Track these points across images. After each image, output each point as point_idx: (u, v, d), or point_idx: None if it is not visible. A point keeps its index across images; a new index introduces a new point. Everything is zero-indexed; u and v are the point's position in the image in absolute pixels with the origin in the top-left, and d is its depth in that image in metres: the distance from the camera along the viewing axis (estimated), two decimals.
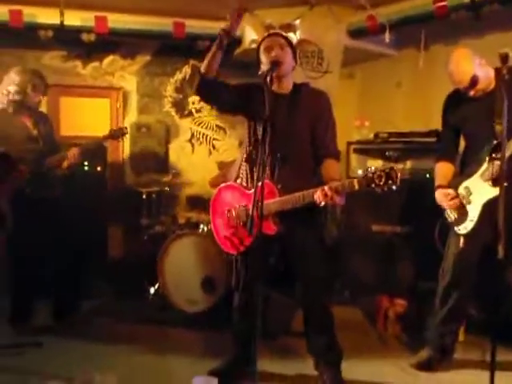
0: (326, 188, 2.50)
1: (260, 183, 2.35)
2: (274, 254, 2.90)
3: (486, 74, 2.95)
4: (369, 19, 4.79)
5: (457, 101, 3.18)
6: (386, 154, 4.23)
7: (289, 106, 2.83)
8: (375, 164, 4.34)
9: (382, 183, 2.34)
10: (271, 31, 3.14)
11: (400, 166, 4.25)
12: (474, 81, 2.94)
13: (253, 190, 2.51)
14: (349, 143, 4.52)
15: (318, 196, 2.53)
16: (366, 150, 4.43)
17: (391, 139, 4.35)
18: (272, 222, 2.75)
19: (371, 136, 4.60)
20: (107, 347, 3.68)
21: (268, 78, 2.64)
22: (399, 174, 2.32)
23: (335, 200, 2.51)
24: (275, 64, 2.72)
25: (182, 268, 4.33)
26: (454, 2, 4.16)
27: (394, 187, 2.35)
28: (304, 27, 4.93)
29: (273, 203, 2.71)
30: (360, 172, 4.35)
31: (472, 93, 2.99)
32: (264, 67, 2.80)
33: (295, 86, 2.92)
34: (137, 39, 5.40)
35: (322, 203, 2.55)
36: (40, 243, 3.78)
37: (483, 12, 4.06)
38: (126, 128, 4.06)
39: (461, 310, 3.29)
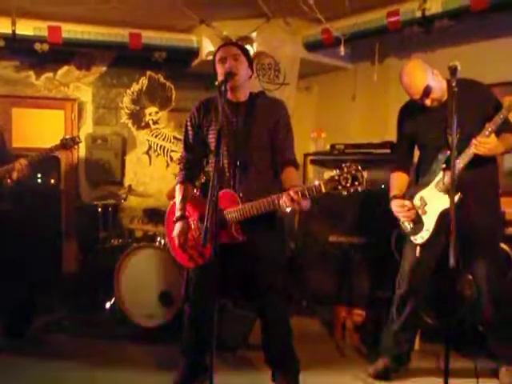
0: (291, 192, 2.46)
1: (214, 192, 2.32)
2: (233, 264, 2.87)
3: (439, 85, 3.01)
4: (324, 32, 4.86)
5: (411, 111, 3.24)
6: (343, 165, 4.26)
7: (246, 114, 2.84)
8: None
9: (348, 185, 2.32)
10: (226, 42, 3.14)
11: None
12: (427, 91, 2.99)
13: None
14: (306, 155, 4.56)
15: (284, 201, 2.49)
16: (323, 161, 4.47)
17: (347, 151, 4.40)
18: (235, 232, 2.72)
19: (328, 147, 4.65)
20: (62, 364, 3.57)
21: (223, 89, 2.64)
22: (365, 176, 2.31)
23: (302, 205, 2.47)
24: (229, 75, 2.72)
25: (139, 282, 4.25)
26: (406, 16, 4.25)
27: (359, 189, 2.34)
28: (260, 39, 4.98)
29: (235, 211, 2.70)
30: (317, 183, 4.37)
31: (427, 102, 3.04)
32: (219, 78, 2.80)
33: (252, 94, 2.92)
34: (92, 50, 5.33)
35: (288, 209, 2.53)
36: None
37: (434, 26, 4.15)
38: (78, 137, 3.96)
39: (416, 318, 3.34)
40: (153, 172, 5.97)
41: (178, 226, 2.85)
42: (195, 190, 3.05)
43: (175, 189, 2.99)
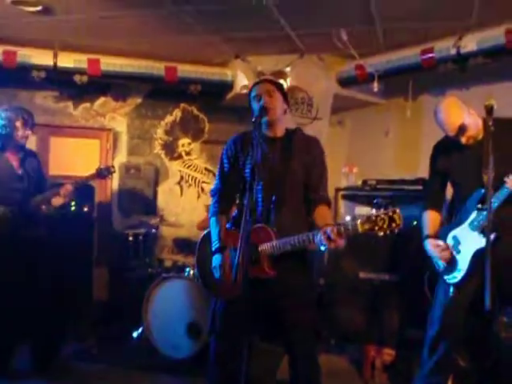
0: (328, 230, 2.45)
1: (246, 227, 2.33)
2: (262, 299, 2.85)
3: (475, 122, 2.99)
4: (358, 68, 4.89)
5: (445, 148, 3.21)
6: (374, 201, 4.24)
7: (282, 149, 2.85)
8: (363, 211, 4.35)
9: (385, 226, 2.31)
10: (260, 78, 3.18)
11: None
12: (462, 129, 2.97)
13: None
14: (337, 189, 4.54)
15: (320, 239, 2.49)
16: (354, 196, 4.45)
17: (379, 186, 4.37)
18: (267, 267, 2.72)
19: (359, 183, 4.63)
20: None
21: (257, 124, 2.68)
22: (402, 218, 2.29)
23: (338, 243, 2.45)
24: (264, 110, 2.75)
25: (167, 312, 4.27)
26: (441, 54, 4.25)
27: (396, 230, 2.32)
28: (294, 74, 5.03)
29: (270, 247, 2.69)
30: (348, 218, 4.36)
31: (463, 140, 3.02)
32: (255, 114, 2.83)
33: (288, 130, 2.94)
34: (128, 81, 5.46)
35: (324, 247, 2.51)
36: (21, 284, 3.71)
37: (469, 64, 4.15)
38: (113, 167, 4.05)
39: (449, 360, 3.23)
40: (184, 202, 6.01)
41: (217, 257, 2.85)
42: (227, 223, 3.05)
43: (206, 219, 3.00)
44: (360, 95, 5.36)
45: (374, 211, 2.35)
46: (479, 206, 2.92)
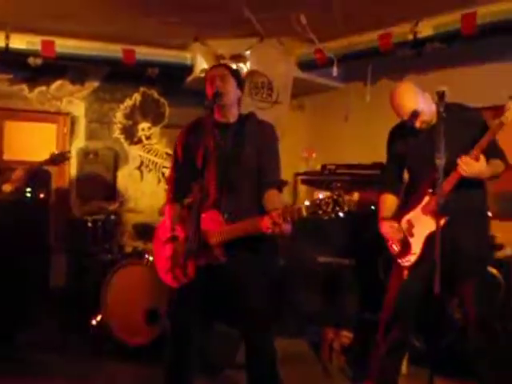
0: (274, 215, 2.46)
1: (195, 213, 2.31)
2: (216, 285, 2.84)
3: (429, 107, 3.00)
4: (317, 52, 4.89)
5: (402, 133, 3.23)
6: (332, 185, 4.25)
7: (235, 135, 2.83)
8: (322, 196, 4.35)
9: (329, 210, 2.32)
10: (214, 64, 3.15)
11: (347, 197, 4.27)
12: (415, 114, 2.99)
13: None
14: (296, 174, 4.54)
15: (265, 224, 2.50)
16: (313, 181, 4.46)
17: (338, 171, 4.39)
18: (217, 252, 2.71)
19: (318, 167, 4.64)
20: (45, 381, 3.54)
21: (210, 109, 2.66)
22: (346, 201, 2.30)
23: (283, 228, 2.47)
24: (216, 95, 2.73)
25: (125, 299, 4.23)
26: (398, 39, 4.28)
27: (341, 214, 2.33)
28: (254, 58, 5.00)
29: (219, 233, 2.68)
30: (307, 203, 4.37)
31: (417, 124, 3.04)
32: (208, 98, 2.80)
33: (241, 116, 2.92)
34: (85, 64, 5.34)
35: (269, 231, 2.52)
36: None
37: (425, 49, 4.18)
38: (68, 152, 3.97)
39: (403, 342, 3.28)
40: (144, 188, 5.95)
41: (168, 249, 2.83)
42: (183, 210, 3.02)
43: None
44: (320, 79, 5.36)
45: (320, 195, 2.34)
46: (430, 190, 2.96)
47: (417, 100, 3.00)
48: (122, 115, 5.87)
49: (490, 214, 4.15)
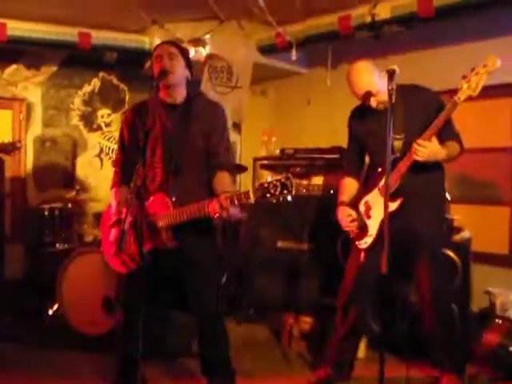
0: (221, 199, 2.42)
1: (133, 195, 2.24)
2: (166, 270, 2.78)
3: (385, 87, 2.97)
4: (277, 36, 4.82)
5: (361, 115, 3.20)
6: (291, 170, 4.22)
7: (181, 116, 2.76)
8: None
9: (277, 193, 2.27)
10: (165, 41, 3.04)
11: (305, 181, 4.25)
12: (368, 94, 2.96)
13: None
14: (255, 159, 4.48)
15: (212, 208, 2.45)
16: (273, 166, 4.40)
17: (297, 155, 4.34)
18: (165, 237, 2.64)
19: (278, 152, 4.59)
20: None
21: (156, 89, 2.59)
22: (294, 184, 2.26)
23: (230, 212, 2.43)
24: (164, 73, 2.65)
25: (82, 287, 4.12)
26: (357, 21, 4.24)
27: (289, 197, 2.28)
28: (213, 42, 4.92)
29: (166, 216, 2.62)
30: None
31: (373, 104, 3.00)
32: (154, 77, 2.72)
33: (189, 96, 2.84)
34: (41, 49, 5.17)
35: (217, 215, 2.47)
36: None
37: (384, 32, 4.15)
38: (19, 142, 3.82)
39: (360, 325, 3.26)
40: (104, 175, 5.81)
41: (114, 232, 2.75)
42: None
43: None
44: (281, 64, 5.31)
45: (269, 178, 2.29)
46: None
47: (371, 79, 2.97)
48: (80, 101, 5.73)
49: (448, 196, 4.20)
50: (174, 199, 2.65)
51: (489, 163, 4.32)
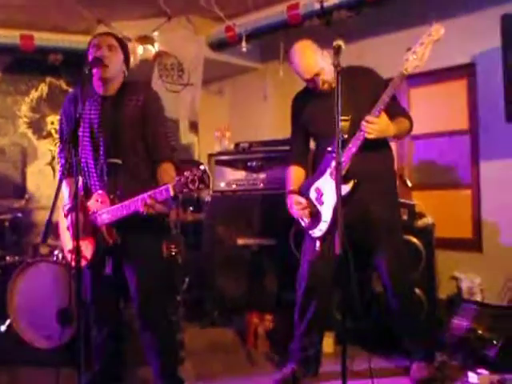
0: (144, 196, 2.32)
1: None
2: (116, 268, 2.63)
3: (329, 66, 2.87)
4: (228, 30, 4.70)
5: (303, 100, 3.11)
6: (248, 164, 4.09)
7: (112, 107, 2.62)
8: (238, 175, 4.17)
9: (195, 187, 2.17)
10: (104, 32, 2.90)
11: (262, 175, 4.12)
12: (317, 73, 2.86)
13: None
14: (210, 155, 4.33)
15: (138, 205, 2.36)
16: (229, 161, 4.25)
17: (252, 149, 4.20)
18: (106, 234, 2.49)
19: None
20: None
21: (85, 77, 2.48)
22: (211, 177, 2.19)
23: (157, 208, 2.34)
24: (97, 60, 2.49)
25: (34, 300, 3.91)
26: (306, 9, 4.15)
27: (207, 191, 2.21)
28: (162, 39, 4.77)
29: (105, 213, 2.49)
30: (222, 185, 4.18)
31: (319, 84, 2.89)
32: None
33: (122, 86, 2.68)
34: None
35: (145, 212, 2.36)
36: None
37: (333, 19, 4.06)
38: None
39: (321, 319, 3.12)
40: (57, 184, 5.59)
41: (70, 220, 2.62)
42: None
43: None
44: (235, 60, 5.20)
45: (185, 173, 2.19)
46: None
47: (317, 58, 2.87)
48: (27, 108, 5.50)
49: (409, 183, 4.12)
50: (112, 196, 2.52)
51: (447, 147, 4.28)
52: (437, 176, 4.35)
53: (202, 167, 2.17)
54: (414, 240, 3.57)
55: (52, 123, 5.59)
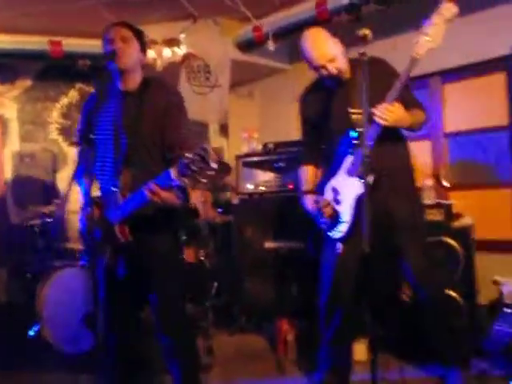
0: (149, 183, 2.20)
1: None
2: (131, 267, 2.53)
3: (342, 54, 2.74)
4: (255, 30, 4.62)
5: (311, 96, 2.99)
6: (275, 165, 3.97)
7: (132, 105, 2.53)
8: (266, 177, 4.06)
9: (197, 168, 1.98)
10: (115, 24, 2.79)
11: (290, 176, 3.99)
12: (331, 59, 2.72)
13: None
14: (237, 157, 4.22)
15: (146, 194, 2.23)
16: (256, 162, 4.14)
17: (278, 150, 4.07)
18: (119, 232, 2.41)
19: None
20: None
21: (108, 75, 2.40)
22: (212, 153, 1.98)
23: (162, 196, 2.20)
24: (112, 53, 2.43)
25: (62, 304, 3.91)
26: (334, 4, 4.02)
27: (208, 172, 2.00)
28: (189, 41, 4.71)
29: (115, 210, 2.42)
30: (251, 187, 4.07)
31: (333, 71, 2.73)
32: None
33: (144, 81, 2.60)
34: (12, 61, 5.00)
35: (151, 200, 2.24)
36: None
37: (362, 14, 3.92)
38: None
39: (347, 326, 2.90)
40: None
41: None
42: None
43: None
44: (263, 60, 5.11)
45: (186, 154, 2.00)
46: (351, 150, 2.66)
47: (330, 44, 2.74)
48: (58, 115, 5.53)
49: (447, 184, 3.92)
50: (124, 194, 2.42)
51: (485, 144, 4.08)
52: (475, 175, 4.15)
53: (203, 146, 1.99)
54: (451, 241, 3.38)
55: None
